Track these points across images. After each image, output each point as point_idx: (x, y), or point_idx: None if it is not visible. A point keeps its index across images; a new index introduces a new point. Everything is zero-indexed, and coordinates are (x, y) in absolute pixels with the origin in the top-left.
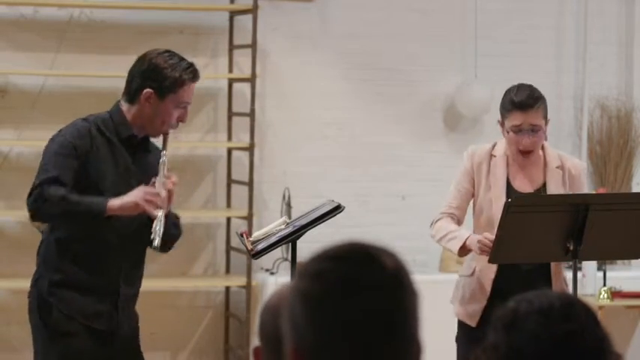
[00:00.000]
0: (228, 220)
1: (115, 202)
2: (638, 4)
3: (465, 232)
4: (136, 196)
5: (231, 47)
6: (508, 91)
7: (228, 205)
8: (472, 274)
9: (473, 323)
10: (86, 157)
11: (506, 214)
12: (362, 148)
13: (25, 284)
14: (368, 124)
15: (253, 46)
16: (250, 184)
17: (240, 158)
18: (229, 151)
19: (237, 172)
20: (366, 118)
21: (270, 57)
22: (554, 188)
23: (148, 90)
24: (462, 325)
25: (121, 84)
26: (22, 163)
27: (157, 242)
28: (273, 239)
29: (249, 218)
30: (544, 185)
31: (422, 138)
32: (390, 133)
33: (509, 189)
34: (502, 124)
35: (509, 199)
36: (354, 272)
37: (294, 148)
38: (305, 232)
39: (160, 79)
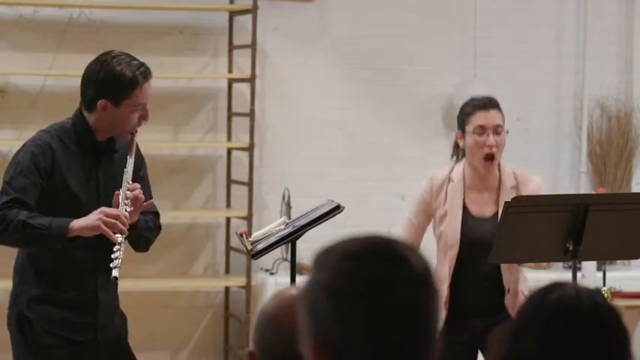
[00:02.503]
0: (228, 220)
1: (75, 224)
2: (638, 4)
3: None
4: (96, 219)
5: (231, 47)
6: (466, 103)
7: (228, 205)
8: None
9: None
10: (49, 172)
11: (506, 214)
12: (362, 148)
13: None
14: (368, 124)
15: (253, 46)
16: (250, 184)
17: (240, 158)
18: (229, 152)
19: (237, 172)
20: (366, 118)
21: (269, 57)
22: None
23: (101, 101)
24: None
25: None
26: None
27: (115, 273)
28: (273, 239)
29: (248, 218)
30: (496, 212)
31: (422, 138)
32: (390, 133)
33: (466, 214)
34: (462, 136)
35: (510, 200)
36: (384, 271)
37: (294, 148)
38: (305, 232)
39: (112, 87)
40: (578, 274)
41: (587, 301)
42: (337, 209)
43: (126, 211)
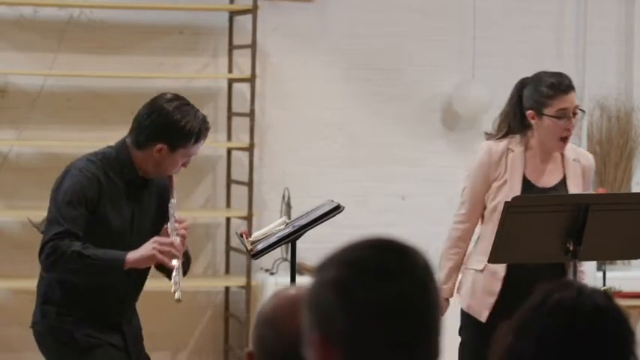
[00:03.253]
0: (228, 220)
1: (131, 256)
2: (638, 4)
3: (447, 287)
4: (151, 248)
5: (231, 47)
6: (539, 80)
7: (228, 205)
8: (483, 269)
9: (483, 319)
10: (95, 205)
11: (506, 214)
12: (362, 148)
13: (25, 284)
14: (368, 124)
15: (253, 46)
16: (250, 184)
17: (240, 158)
18: (229, 151)
19: (237, 172)
20: (366, 118)
21: (269, 57)
22: (574, 181)
23: (160, 145)
24: (469, 318)
25: (122, 84)
26: (22, 163)
27: (178, 295)
28: (273, 239)
29: (248, 218)
30: (564, 179)
31: (421, 138)
32: (390, 133)
33: (527, 184)
34: (535, 115)
35: (509, 200)
36: (388, 259)
37: (294, 148)
38: (305, 232)
39: (175, 136)
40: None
41: (588, 302)
42: (337, 209)
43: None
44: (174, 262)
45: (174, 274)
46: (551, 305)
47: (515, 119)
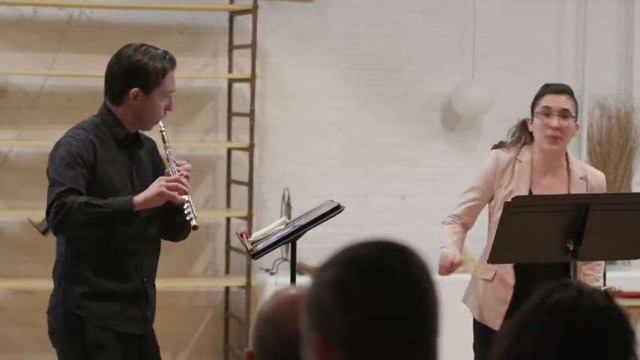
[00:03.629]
0: (228, 220)
1: (139, 197)
2: (638, 4)
3: (448, 247)
4: (158, 186)
5: (231, 47)
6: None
7: (228, 205)
8: (493, 278)
9: (496, 327)
10: (93, 165)
11: (506, 214)
12: (362, 148)
13: (25, 284)
14: (368, 124)
15: (253, 46)
16: (250, 184)
17: (240, 158)
18: (229, 152)
19: (237, 172)
20: (366, 118)
21: (269, 57)
22: None
23: (133, 90)
24: (482, 327)
25: None
26: (22, 163)
27: (195, 221)
28: (273, 239)
29: (248, 218)
30: None
31: (421, 138)
32: (390, 133)
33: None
34: (532, 120)
35: (509, 200)
36: (385, 256)
37: (294, 148)
38: (305, 232)
39: (144, 75)
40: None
41: (588, 302)
42: (337, 209)
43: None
44: (185, 197)
45: (185, 205)
46: (551, 305)
47: (525, 130)
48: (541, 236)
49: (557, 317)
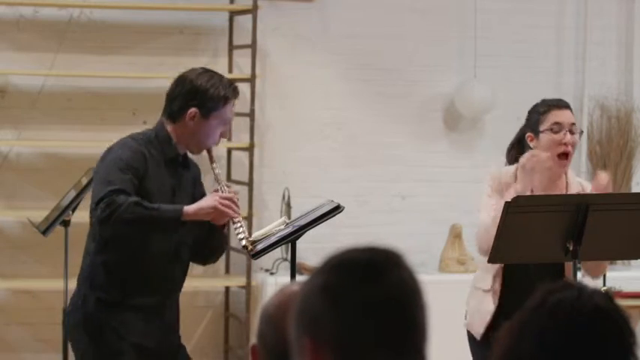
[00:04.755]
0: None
1: (191, 207)
2: (638, 4)
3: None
4: (213, 200)
5: (231, 47)
6: (535, 105)
7: None
8: (490, 288)
9: (478, 336)
10: (141, 176)
11: (506, 214)
12: (362, 148)
13: (25, 284)
14: (368, 124)
15: (253, 46)
16: (250, 184)
17: (240, 158)
18: (229, 151)
19: (237, 172)
20: (366, 118)
21: (269, 57)
22: None
23: (192, 110)
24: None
25: (122, 84)
26: (22, 163)
27: (245, 242)
28: (273, 239)
29: (249, 218)
30: None
31: (422, 138)
32: (390, 133)
33: None
34: (533, 137)
35: (510, 199)
36: (374, 262)
37: (294, 148)
38: (305, 232)
39: (204, 99)
40: (579, 274)
41: (588, 303)
42: (337, 209)
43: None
44: (237, 218)
45: (237, 227)
46: (551, 306)
47: (519, 147)
48: (541, 236)
49: (557, 318)
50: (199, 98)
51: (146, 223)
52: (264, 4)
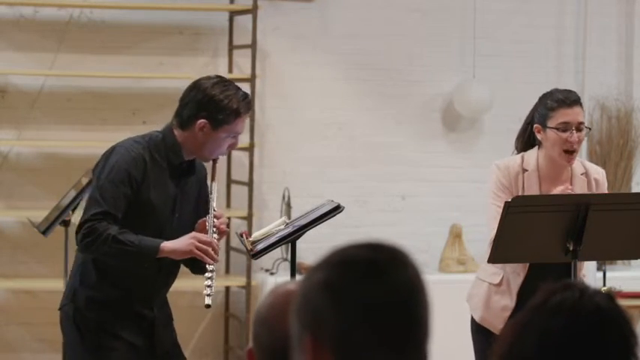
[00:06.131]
0: (228, 220)
1: (167, 246)
2: (638, 4)
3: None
4: (189, 244)
5: (231, 47)
6: (548, 95)
7: (228, 205)
8: (500, 283)
9: (497, 331)
10: (139, 185)
11: (506, 214)
12: (362, 148)
13: (25, 284)
14: (368, 124)
15: (253, 46)
16: (250, 184)
17: (240, 158)
18: (229, 151)
19: (237, 172)
20: (366, 118)
21: (270, 57)
22: None
23: (202, 120)
24: (483, 330)
25: (122, 84)
26: (21, 163)
27: (208, 300)
28: (273, 239)
29: (249, 218)
30: None
31: (422, 138)
32: (390, 133)
33: None
34: (541, 129)
35: (510, 199)
36: (376, 259)
37: (294, 148)
38: (305, 232)
39: (216, 110)
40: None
41: (588, 304)
42: (337, 209)
43: (214, 238)
44: (210, 267)
45: (207, 275)
46: (553, 306)
47: (525, 136)
48: (541, 236)
49: (558, 318)
50: (211, 109)
51: (124, 257)
52: (264, 4)
